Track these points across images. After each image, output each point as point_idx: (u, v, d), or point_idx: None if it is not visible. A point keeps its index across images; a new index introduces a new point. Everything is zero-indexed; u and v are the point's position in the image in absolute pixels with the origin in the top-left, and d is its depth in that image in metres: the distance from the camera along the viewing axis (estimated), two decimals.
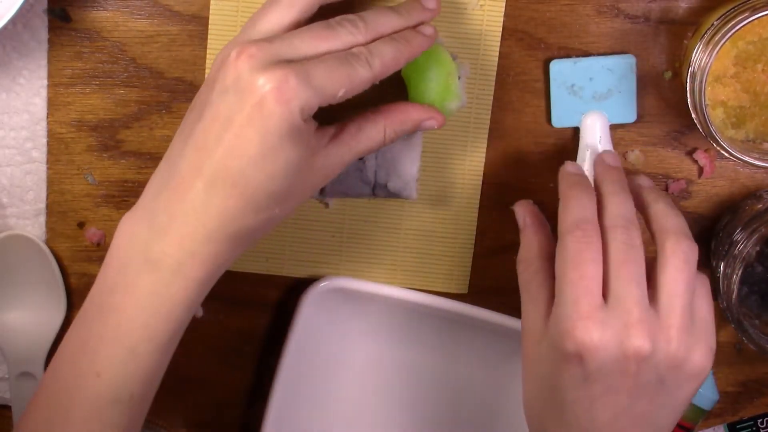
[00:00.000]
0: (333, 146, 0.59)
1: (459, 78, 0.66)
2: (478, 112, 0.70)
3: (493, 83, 0.69)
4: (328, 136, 0.59)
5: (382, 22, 0.59)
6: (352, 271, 0.72)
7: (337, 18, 0.59)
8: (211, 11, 0.68)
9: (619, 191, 0.60)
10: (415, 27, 0.62)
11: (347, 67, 0.56)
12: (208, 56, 0.69)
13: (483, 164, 0.71)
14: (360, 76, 0.56)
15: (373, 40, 0.59)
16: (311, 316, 0.70)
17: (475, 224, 0.72)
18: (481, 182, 0.71)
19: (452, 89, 0.65)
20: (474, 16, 0.68)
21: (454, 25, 0.69)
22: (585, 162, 0.69)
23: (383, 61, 0.58)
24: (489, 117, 0.70)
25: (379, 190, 0.68)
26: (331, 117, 0.60)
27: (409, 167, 0.67)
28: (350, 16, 0.59)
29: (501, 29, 0.69)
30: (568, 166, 0.63)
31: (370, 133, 0.61)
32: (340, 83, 0.55)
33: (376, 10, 0.60)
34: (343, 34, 0.57)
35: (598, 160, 0.64)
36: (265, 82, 0.54)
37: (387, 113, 0.62)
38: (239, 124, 0.54)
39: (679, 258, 0.58)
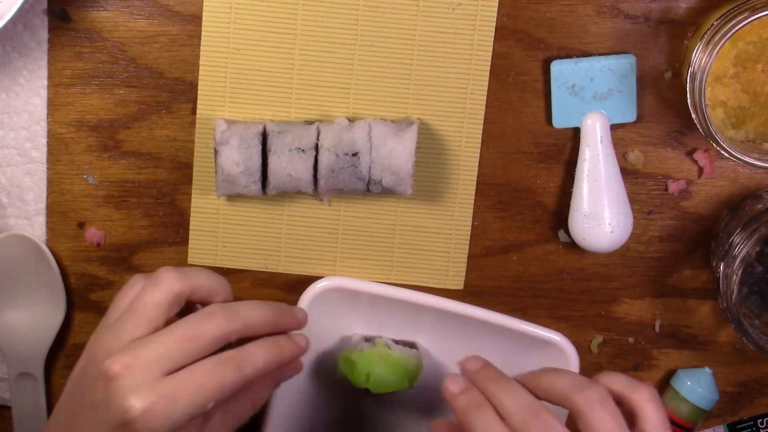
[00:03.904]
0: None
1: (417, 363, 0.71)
2: (472, 107, 0.70)
3: (487, 80, 0.69)
4: (196, 426, 0.58)
5: (255, 314, 0.59)
6: (348, 267, 0.72)
7: (208, 308, 0.58)
8: (204, 9, 0.69)
9: (502, 386, 0.58)
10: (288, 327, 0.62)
11: (217, 377, 0.56)
12: (202, 55, 0.69)
13: (478, 159, 0.71)
14: (231, 383, 0.56)
15: (245, 331, 0.58)
16: (310, 315, 0.70)
17: (471, 220, 0.72)
18: (476, 176, 0.71)
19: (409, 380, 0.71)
20: (467, 12, 0.68)
21: (446, 20, 0.69)
22: (585, 162, 0.69)
23: (255, 366, 0.57)
24: (483, 112, 0.70)
25: (374, 186, 0.68)
26: None
27: (404, 163, 0.67)
28: (221, 306, 0.58)
29: (494, 25, 0.69)
30: (450, 385, 0.60)
31: (239, 411, 0.61)
32: (210, 396, 0.55)
33: (250, 304, 0.59)
34: (211, 329, 0.57)
35: (464, 370, 0.61)
36: (132, 407, 0.54)
37: (249, 386, 0.60)
38: None
39: (597, 406, 0.55)
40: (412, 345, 0.72)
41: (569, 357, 0.70)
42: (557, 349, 0.70)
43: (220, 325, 0.57)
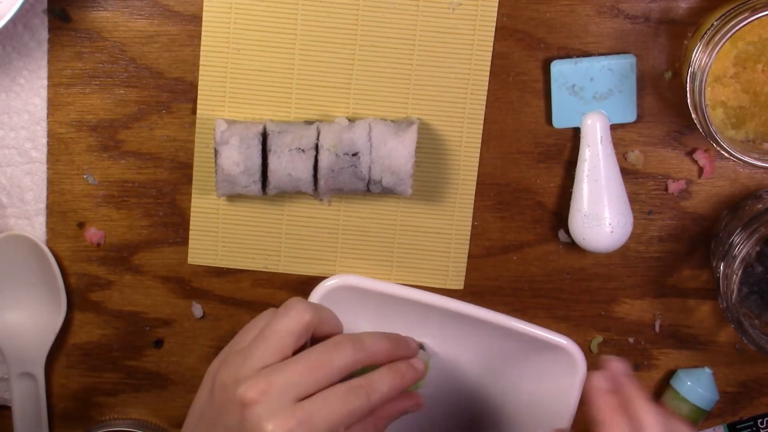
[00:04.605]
0: None
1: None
2: (472, 107, 0.70)
3: (487, 80, 0.69)
4: None
5: (378, 347, 0.61)
6: (348, 267, 0.72)
7: (336, 339, 0.60)
8: (204, 9, 0.69)
9: (644, 403, 0.60)
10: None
11: (348, 404, 0.57)
12: (202, 55, 0.69)
13: (478, 159, 0.71)
14: (360, 410, 0.58)
15: (369, 361, 0.60)
16: None
17: (471, 220, 0.72)
18: (476, 176, 0.71)
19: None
20: (467, 12, 0.68)
21: (446, 20, 0.69)
22: (585, 162, 0.69)
23: (381, 394, 0.60)
24: (483, 112, 0.70)
25: (374, 186, 0.68)
26: None
27: (404, 163, 0.67)
28: (348, 337, 0.60)
29: (494, 25, 0.69)
30: (599, 380, 0.62)
31: None
32: (342, 422, 0.57)
33: (372, 334, 0.62)
34: (340, 359, 0.59)
35: (609, 368, 0.62)
36: None
37: (375, 418, 0.62)
38: None
39: None
40: (419, 346, 0.72)
41: (577, 361, 0.70)
42: (565, 353, 0.70)
43: (348, 355, 0.59)
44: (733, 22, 0.63)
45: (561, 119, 0.70)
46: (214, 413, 0.58)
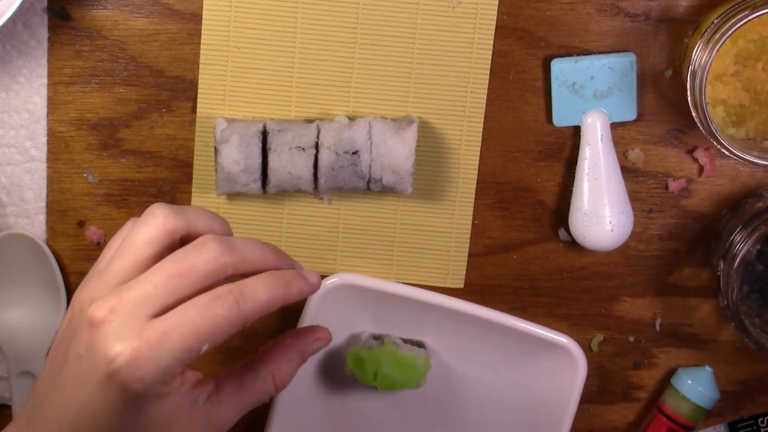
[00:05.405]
0: (211, 406, 0.54)
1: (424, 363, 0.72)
2: (472, 105, 0.70)
3: (487, 78, 0.69)
4: (205, 393, 0.54)
5: (255, 253, 0.53)
6: (349, 266, 0.72)
7: (200, 239, 0.52)
8: (204, 7, 0.69)
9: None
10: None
11: (211, 316, 0.50)
12: (202, 53, 0.69)
13: (478, 157, 0.71)
14: (227, 321, 0.50)
15: (242, 266, 0.52)
16: (319, 312, 0.70)
17: (471, 219, 0.72)
18: (476, 175, 0.71)
19: (413, 380, 0.71)
20: (468, 11, 0.68)
21: (447, 18, 0.69)
22: (585, 161, 0.69)
23: (256, 302, 0.51)
24: (483, 110, 0.70)
25: (374, 185, 0.68)
26: None
27: (404, 161, 0.67)
28: (214, 237, 0.52)
29: (494, 23, 0.69)
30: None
31: (255, 386, 0.55)
32: (204, 338, 0.50)
33: (247, 239, 0.53)
34: (203, 261, 0.51)
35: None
36: (117, 354, 0.49)
37: (269, 359, 0.56)
38: (90, 393, 0.50)
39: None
40: (420, 344, 0.72)
41: (577, 360, 0.70)
42: (565, 352, 0.70)
43: (213, 257, 0.51)
44: (733, 20, 0.63)
45: (561, 117, 0.70)
46: (68, 339, 0.52)
